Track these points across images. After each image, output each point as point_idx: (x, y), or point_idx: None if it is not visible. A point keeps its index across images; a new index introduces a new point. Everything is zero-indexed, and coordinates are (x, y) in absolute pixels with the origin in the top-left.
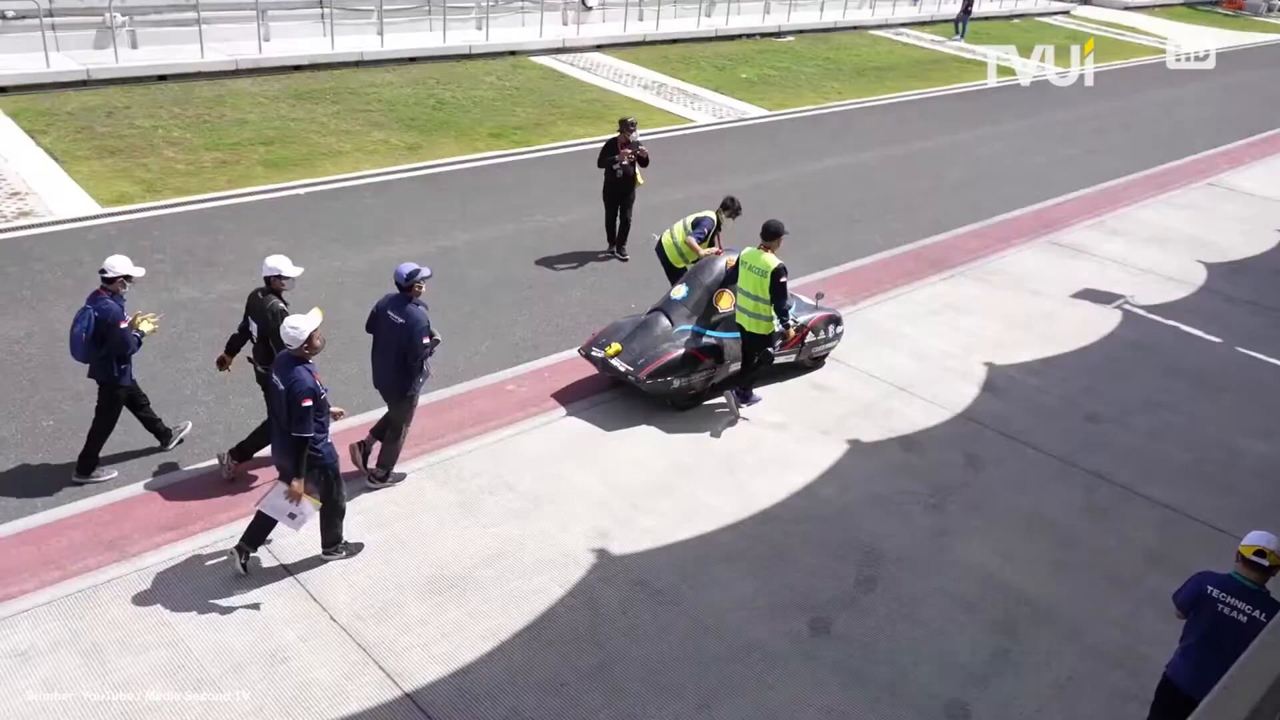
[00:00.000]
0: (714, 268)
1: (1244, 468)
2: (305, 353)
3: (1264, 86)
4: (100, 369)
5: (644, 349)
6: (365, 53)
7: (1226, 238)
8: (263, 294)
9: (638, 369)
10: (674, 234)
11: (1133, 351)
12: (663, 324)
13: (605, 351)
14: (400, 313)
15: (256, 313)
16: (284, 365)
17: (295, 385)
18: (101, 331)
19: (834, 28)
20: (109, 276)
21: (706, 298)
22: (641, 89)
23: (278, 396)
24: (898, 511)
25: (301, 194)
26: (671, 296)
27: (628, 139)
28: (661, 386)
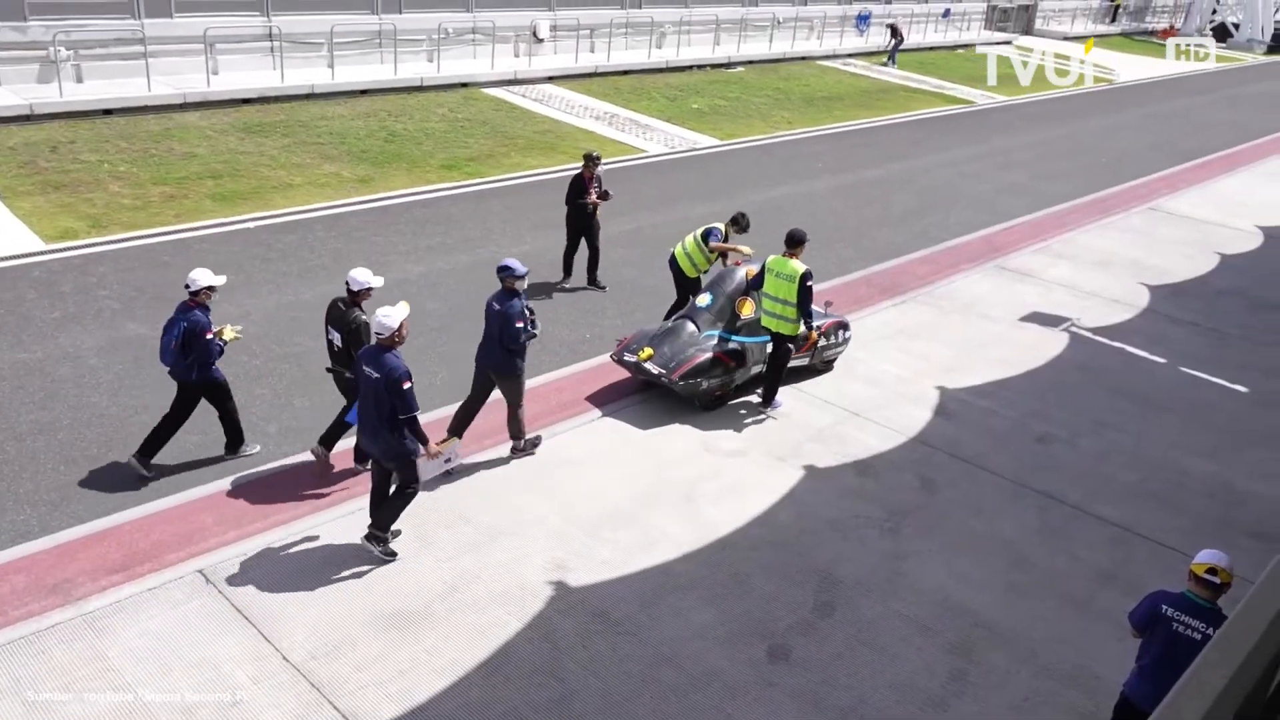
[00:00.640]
0: (735, 277)
1: (1191, 486)
2: (395, 341)
3: (1197, 113)
4: (188, 373)
5: (674, 353)
6: (316, 85)
7: (1167, 260)
8: (344, 305)
9: (670, 371)
10: (685, 245)
11: (1080, 373)
12: (689, 329)
13: (638, 356)
14: (501, 303)
15: (338, 322)
16: (374, 355)
17: (393, 371)
18: (188, 340)
19: (783, 58)
20: (194, 289)
21: (729, 305)
22: (594, 120)
23: (372, 386)
24: (854, 536)
25: (252, 227)
26: (697, 304)
27: (593, 173)
28: (692, 387)
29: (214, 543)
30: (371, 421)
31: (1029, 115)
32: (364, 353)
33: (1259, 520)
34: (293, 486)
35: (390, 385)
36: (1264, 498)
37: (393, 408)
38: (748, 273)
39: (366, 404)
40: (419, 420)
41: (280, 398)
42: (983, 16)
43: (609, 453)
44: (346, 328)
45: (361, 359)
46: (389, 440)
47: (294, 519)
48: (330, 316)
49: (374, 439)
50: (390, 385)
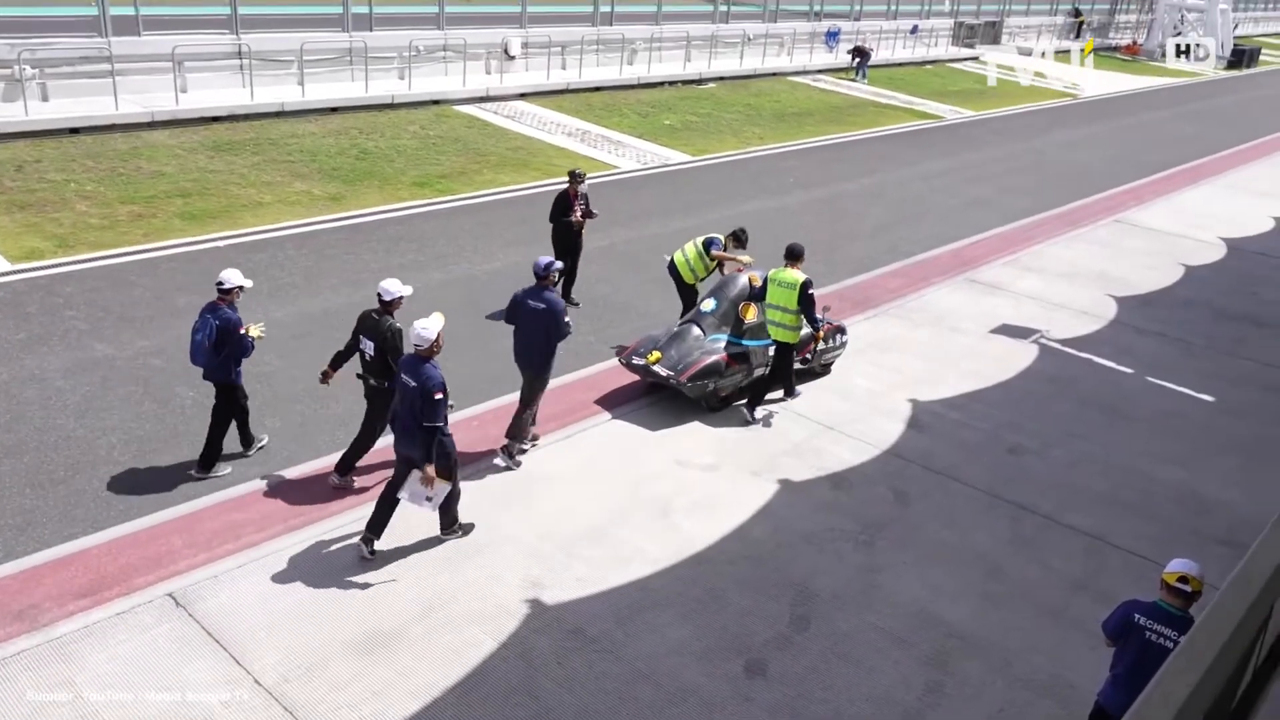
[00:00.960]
0: (738, 282)
1: (1160, 495)
2: (433, 351)
3: (1161, 127)
4: (219, 371)
5: (681, 356)
6: (286, 103)
7: (1134, 272)
8: (377, 314)
9: (678, 373)
10: (685, 252)
11: (1050, 384)
12: (695, 333)
13: (647, 359)
14: (539, 299)
15: (371, 331)
16: (412, 364)
17: (428, 381)
18: (221, 338)
19: (754, 74)
20: (225, 288)
21: (733, 309)
22: (566, 136)
23: (408, 393)
24: (829, 549)
25: (221, 246)
26: (701, 309)
27: (578, 190)
28: (700, 389)
29: (184, 565)
30: (408, 427)
31: (996, 130)
32: (403, 361)
33: (1228, 528)
34: (263, 508)
35: (424, 394)
36: (1232, 506)
37: (426, 415)
38: (750, 279)
39: (404, 410)
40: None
41: (251, 419)
42: (950, 33)
43: (583, 469)
44: (382, 336)
45: (401, 367)
46: (422, 447)
47: (265, 540)
48: (363, 326)
49: (410, 443)
50: (424, 394)
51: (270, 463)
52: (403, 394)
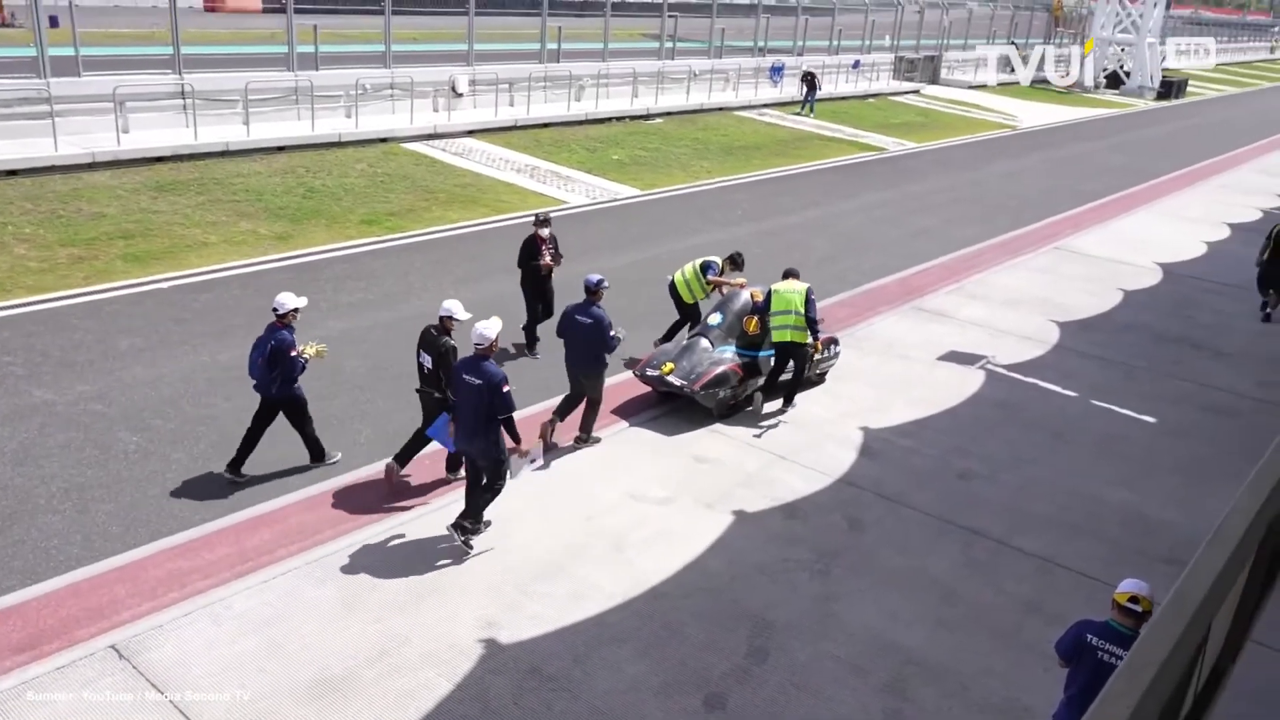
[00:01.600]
0: (741, 298)
1: (1107, 516)
2: (491, 350)
3: (1095, 157)
4: (272, 388)
5: (693, 366)
6: (231, 142)
7: (1074, 298)
8: (436, 331)
9: (691, 382)
10: (684, 273)
11: (997, 410)
12: (703, 345)
13: (660, 370)
14: (586, 314)
15: (430, 346)
16: (474, 364)
17: (493, 376)
18: (274, 358)
19: (701, 109)
20: (281, 312)
21: (738, 323)
22: (515, 172)
23: (473, 392)
24: (784, 580)
25: (165, 288)
26: (709, 323)
27: (542, 235)
28: (711, 396)
29: (127, 615)
30: (469, 425)
31: (937, 161)
32: (462, 363)
33: (1172, 547)
34: (209, 554)
35: (491, 388)
36: (1176, 525)
37: (490, 411)
38: (753, 294)
39: (465, 410)
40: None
41: (197, 462)
42: (891, 67)
43: (536, 505)
44: (438, 351)
45: (460, 369)
46: (484, 442)
47: (211, 587)
48: (423, 342)
49: (471, 440)
50: (491, 388)
51: (216, 508)
52: (465, 393)
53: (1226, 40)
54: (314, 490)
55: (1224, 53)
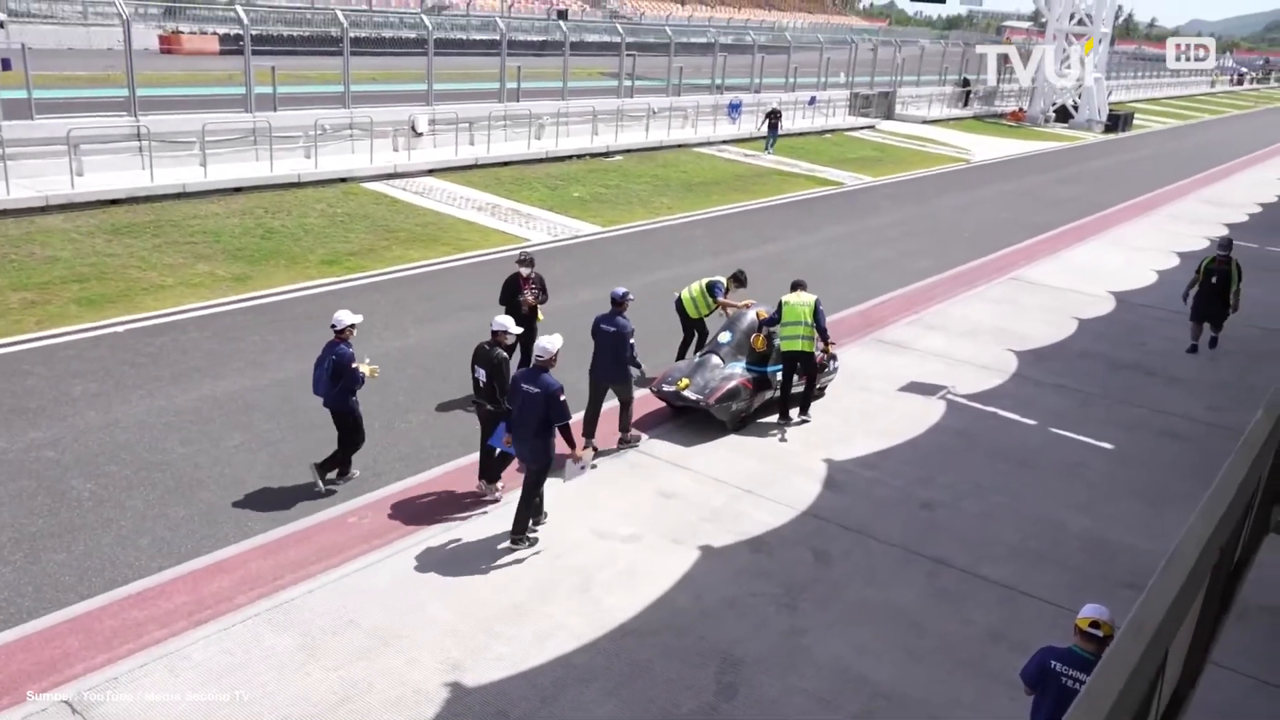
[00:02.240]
0: (748, 318)
1: (1068, 543)
2: (551, 363)
3: (1046, 189)
4: (336, 400)
5: (707, 382)
6: (188, 184)
7: (1031, 327)
8: (489, 345)
9: (706, 396)
10: (690, 291)
11: (958, 439)
12: (715, 362)
13: (677, 386)
14: (611, 323)
15: (484, 360)
16: (533, 375)
17: (550, 386)
18: (337, 371)
19: (660, 146)
20: (339, 328)
21: (746, 340)
22: (476, 211)
23: (531, 400)
24: (752, 614)
25: (120, 331)
26: (719, 340)
27: (528, 274)
28: (725, 410)
29: (81, 669)
30: (526, 431)
31: (892, 195)
32: (522, 374)
33: (1133, 572)
34: (165, 603)
35: (549, 397)
36: (1136, 550)
37: (545, 419)
38: (758, 314)
39: (523, 417)
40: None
41: (153, 508)
42: (847, 103)
43: (499, 546)
44: (492, 364)
45: (520, 379)
46: (539, 447)
47: (168, 638)
48: (477, 357)
49: (525, 444)
50: (549, 397)
51: (172, 555)
52: (524, 402)
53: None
54: (273, 535)
55: (1167, 87)
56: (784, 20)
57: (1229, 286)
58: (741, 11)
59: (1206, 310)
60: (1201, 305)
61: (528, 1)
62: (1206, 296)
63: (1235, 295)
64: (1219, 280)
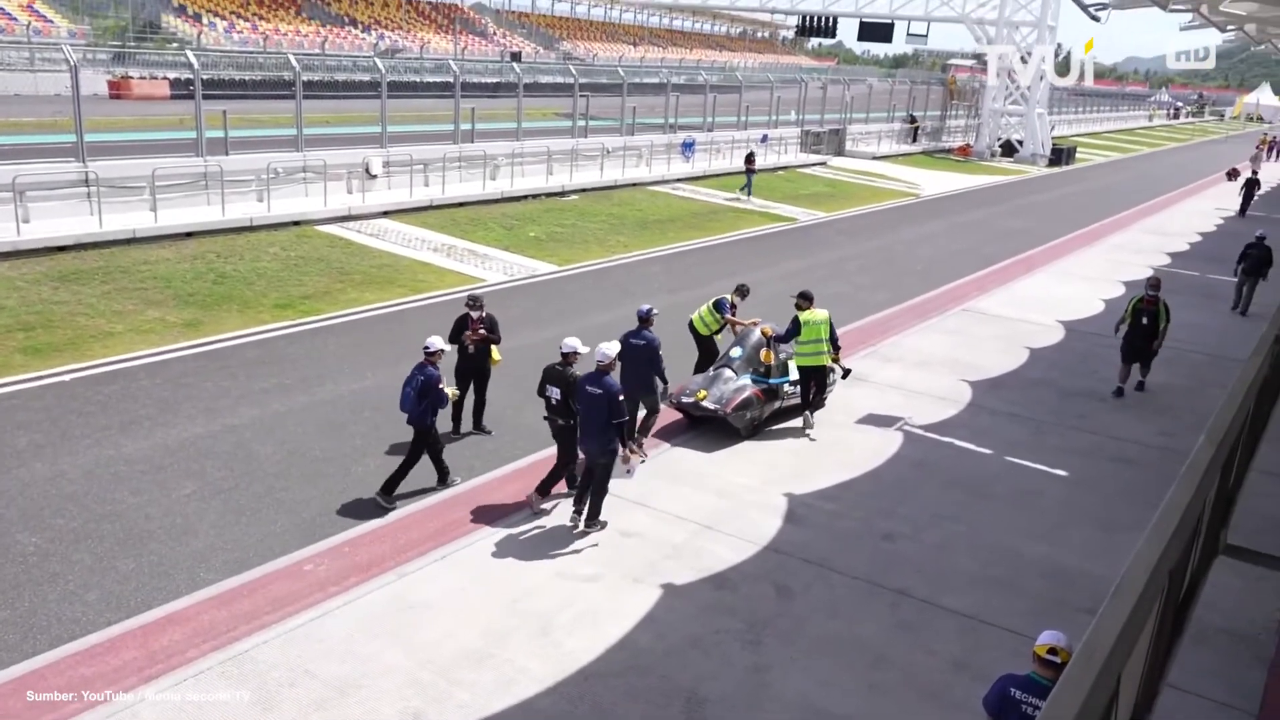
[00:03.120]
0: (754, 335)
1: (1026, 570)
2: (611, 367)
3: (995, 222)
4: (420, 418)
5: (723, 393)
6: (138, 230)
7: (984, 357)
8: (561, 366)
9: (723, 406)
10: (700, 312)
11: (916, 470)
12: (728, 375)
13: (696, 397)
14: (640, 338)
15: (557, 380)
16: (596, 378)
17: (612, 387)
18: (424, 390)
19: (615, 185)
20: (430, 351)
21: (755, 355)
22: (432, 251)
23: (595, 400)
24: (716, 652)
25: (68, 380)
26: (730, 355)
27: (478, 314)
28: (740, 418)
29: None
30: (592, 428)
31: (845, 230)
32: (586, 377)
33: (1091, 597)
34: (114, 659)
35: (610, 397)
36: (1093, 575)
37: (608, 416)
38: (764, 331)
39: (589, 414)
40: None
41: (102, 561)
42: (798, 140)
43: (459, 590)
44: (566, 382)
45: (584, 382)
46: (603, 441)
47: (118, 693)
48: (549, 378)
49: (593, 440)
50: (610, 397)
51: (121, 608)
52: (589, 403)
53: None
54: (226, 585)
55: (1107, 121)
56: (735, 60)
57: (1158, 326)
58: (693, 52)
59: (1139, 351)
60: (1132, 346)
61: (481, 44)
62: (1139, 337)
63: (1163, 334)
64: (1149, 320)
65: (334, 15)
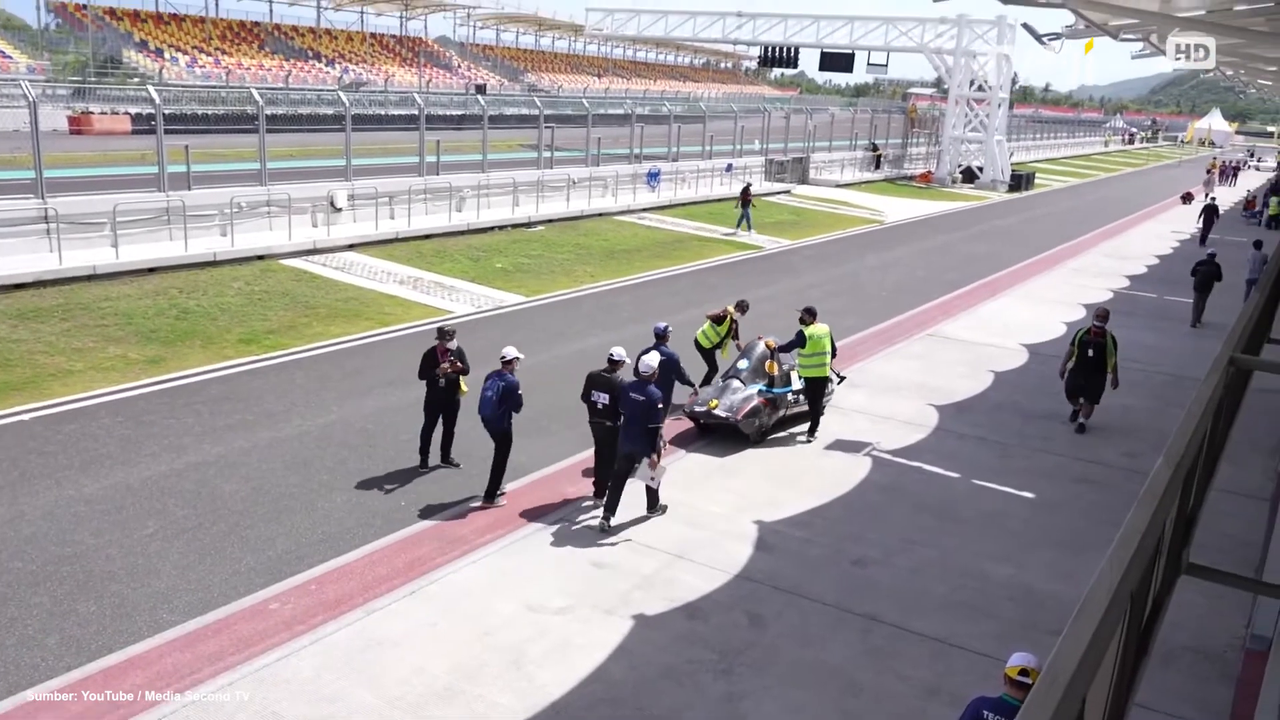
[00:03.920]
0: (759, 349)
1: (995, 593)
2: (653, 377)
3: (957, 247)
4: (498, 421)
5: (733, 403)
6: (98, 266)
7: (950, 381)
8: (607, 373)
9: (734, 414)
10: (703, 329)
11: (885, 495)
12: (736, 385)
13: (708, 406)
14: (659, 352)
15: (604, 386)
16: (639, 386)
17: (652, 395)
18: (504, 395)
19: (581, 215)
20: (507, 359)
21: (761, 367)
22: (398, 284)
23: (638, 406)
24: (689, 682)
25: (27, 420)
26: (738, 367)
27: (446, 347)
28: (750, 425)
29: None
30: (634, 430)
31: (810, 257)
32: (630, 385)
33: (1060, 619)
34: (75, 705)
35: (650, 404)
36: (1061, 596)
37: (647, 420)
38: (768, 344)
39: (631, 417)
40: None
41: (61, 604)
42: (762, 169)
43: (428, 625)
44: (612, 387)
45: (628, 389)
46: (644, 443)
47: None
48: (596, 384)
49: (635, 442)
50: (650, 404)
51: (84, 652)
52: (631, 408)
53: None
54: (189, 626)
55: (1065, 147)
56: (698, 91)
57: (1105, 360)
58: (657, 83)
59: (1084, 386)
60: (1077, 381)
61: (446, 77)
62: (1084, 371)
63: (1114, 370)
64: (1095, 353)
65: (298, 49)
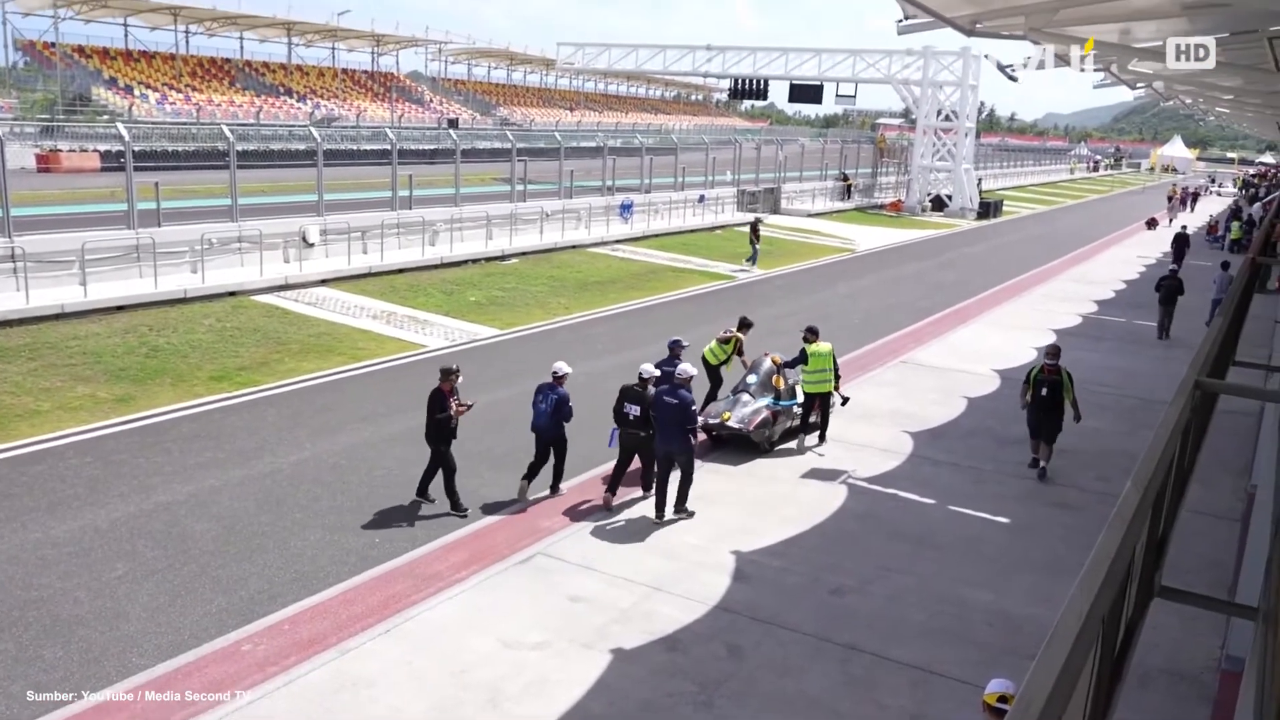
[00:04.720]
0: (765, 364)
1: (973, 619)
2: (687, 382)
3: (929, 274)
4: (554, 430)
5: (744, 414)
6: (66, 304)
7: (923, 408)
8: (639, 387)
9: (746, 425)
10: (710, 347)
11: (861, 523)
12: (746, 398)
13: (721, 418)
14: (672, 365)
15: (636, 399)
16: (674, 391)
17: (686, 399)
18: (557, 407)
19: (555, 248)
20: (559, 374)
21: (767, 381)
22: (371, 319)
23: (672, 409)
24: (668, 716)
25: None
26: (746, 382)
27: (453, 385)
28: (761, 434)
29: None
30: (669, 432)
31: (783, 286)
32: (665, 390)
33: (1038, 643)
34: None
35: (684, 406)
36: (1038, 621)
37: (681, 422)
38: (773, 359)
39: (666, 420)
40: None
41: (26, 650)
42: (734, 200)
43: (404, 663)
44: (645, 402)
45: (663, 393)
46: (681, 443)
47: None
48: (629, 396)
49: (671, 442)
50: (684, 406)
51: (48, 701)
52: (666, 411)
53: (1032, 163)
54: (159, 670)
55: (1031, 175)
56: (670, 123)
57: (1061, 397)
58: (628, 116)
59: (1041, 425)
60: (1037, 416)
61: (418, 112)
62: (1040, 409)
63: (1075, 406)
64: (1050, 391)
65: (269, 85)
